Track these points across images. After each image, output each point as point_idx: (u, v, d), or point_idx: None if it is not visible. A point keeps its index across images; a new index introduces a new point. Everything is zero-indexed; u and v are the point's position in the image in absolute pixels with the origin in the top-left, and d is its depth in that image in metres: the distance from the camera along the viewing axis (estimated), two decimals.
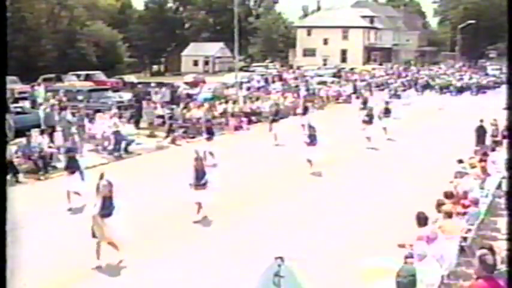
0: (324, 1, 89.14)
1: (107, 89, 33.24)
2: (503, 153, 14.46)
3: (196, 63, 79.01)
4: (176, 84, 37.89)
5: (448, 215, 9.97)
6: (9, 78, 29.16)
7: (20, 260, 8.36)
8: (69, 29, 62.16)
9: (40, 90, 31.23)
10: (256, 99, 32.00)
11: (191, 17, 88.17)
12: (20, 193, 13.74)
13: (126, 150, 20.47)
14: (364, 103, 27.95)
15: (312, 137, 17.36)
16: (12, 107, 23.95)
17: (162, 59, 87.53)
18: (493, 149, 17.17)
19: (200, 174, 12.48)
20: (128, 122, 24.36)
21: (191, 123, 24.78)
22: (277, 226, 12.21)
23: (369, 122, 22.14)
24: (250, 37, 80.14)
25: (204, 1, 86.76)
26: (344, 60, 77.51)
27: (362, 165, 18.45)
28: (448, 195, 11.25)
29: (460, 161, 15.26)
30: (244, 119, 27.66)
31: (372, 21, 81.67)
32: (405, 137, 23.36)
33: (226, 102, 29.65)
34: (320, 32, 79.62)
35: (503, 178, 12.68)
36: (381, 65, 71.93)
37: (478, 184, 12.97)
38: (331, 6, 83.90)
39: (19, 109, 24.38)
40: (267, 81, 46.47)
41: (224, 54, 76.80)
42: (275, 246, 9.91)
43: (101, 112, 24.13)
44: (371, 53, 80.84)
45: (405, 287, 7.79)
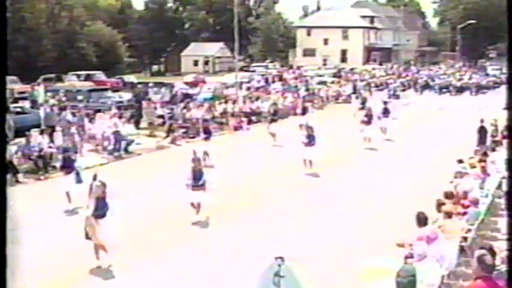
0: (324, 1, 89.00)
1: (106, 89, 33.26)
2: (503, 153, 14.46)
3: (196, 63, 79.00)
4: (173, 85, 37.89)
5: (448, 215, 9.97)
6: (9, 78, 29.14)
7: (20, 260, 8.36)
8: (69, 29, 62.11)
9: (40, 90, 31.20)
10: (256, 99, 32.01)
11: (191, 17, 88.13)
12: (20, 193, 13.71)
13: (126, 150, 20.49)
14: (363, 103, 27.89)
15: (310, 138, 17.25)
16: (12, 107, 23.95)
17: (162, 59, 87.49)
18: (493, 149, 17.19)
19: (198, 175, 12.43)
20: (128, 122, 24.35)
21: (191, 123, 24.78)
22: (275, 226, 12.17)
23: (368, 122, 22.03)
24: (251, 36, 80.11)
25: (204, 1, 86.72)
26: (344, 60, 77.47)
27: (360, 166, 18.42)
28: (448, 196, 11.25)
29: (460, 161, 15.26)
30: (244, 119, 27.67)
31: (372, 21, 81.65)
32: (404, 137, 23.30)
33: (226, 102, 29.67)
34: (320, 32, 79.60)
35: (503, 178, 12.67)
36: (381, 65, 71.90)
37: (478, 184, 12.98)
38: (331, 6, 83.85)
39: (19, 109, 24.39)
40: (267, 81, 46.47)
41: (224, 54, 76.78)
42: (274, 247, 9.88)
43: (101, 112, 24.14)
44: (371, 53, 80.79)
45: (405, 287, 7.80)
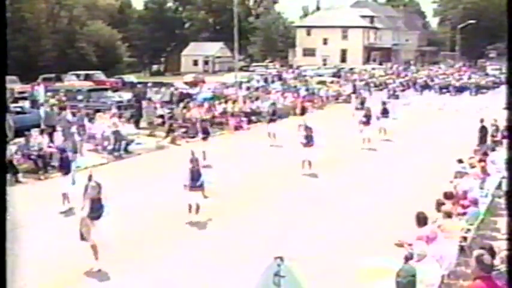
0: (323, 1, 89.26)
1: (106, 89, 33.24)
2: (503, 153, 14.46)
3: (196, 63, 79.03)
4: (172, 84, 37.88)
5: (448, 215, 9.97)
6: (9, 78, 29.17)
7: (20, 259, 8.37)
8: (68, 28, 62.17)
9: (40, 90, 31.19)
10: (256, 98, 32.01)
11: (191, 17, 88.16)
12: (20, 193, 13.70)
13: (126, 150, 20.48)
14: (362, 103, 27.71)
15: (308, 138, 17.14)
16: (12, 106, 23.95)
17: (162, 59, 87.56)
18: (493, 149, 17.19)
19: (196, 175, 12.37)
20: (128, 121, 24.36)
21: (191, 123, 24.77)
22: (274, 227, 12.14)
23: (367, 122, 21.82)
24: (251, 36, 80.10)
25: (204, 1, 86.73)
26: (344, 60, 77.48)
27: (359, 167, 18.32)
28: (447, 196, 11.25)
29: (460, 161, 15.27)
30: (244, 119, 27.68)
31: (372, 21, 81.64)
32: (403, 137, 23.23)
33: (226, 102, 29.67)
34: (320, 31, 79.59)
35: (503, 178, 12.67)
36: (380, 64, 71.93)
37: (477, 184, 12.98)
38: (331, 6, 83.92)
39: (19, 109, 24.38)
40: (266, 81, 46.48)
41: (224, 54, 76.79)
42: (273, 248, 9.85)
43: (101, 112, 24.14)
44: (371, 53, 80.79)
45: (404, 287, 7.80)
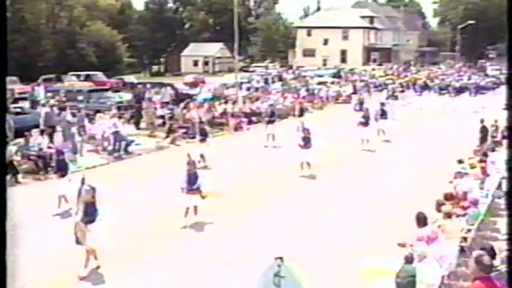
0: (324, 1, 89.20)
1: (106, 90, 33.19)
2: (503, 153, 14.46)
3: (196, 64, 79.05)
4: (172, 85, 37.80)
5: (448, 216, 9.97)
6: (9, 78, 29.17)
7: (20, 260, 8.36)
8: (69, 29, 62.15)
9: (40, 91, 31.24)
10: (256, 99, 32.00)
11: (191, 17, 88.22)
12: (20, 193, 13.71)
13: (126, 151, 20.48)
14: (360, 104, 27.47)
15: (306, 140, 17.00)
16: (12, 107, 23.96)
17: (162, 59, 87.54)
18: (493, 149, 17.19)
19: (192, 178, 12.29)
20: (128, 122, 24.35)
21: (191, 123, 24.76)
22: (273, 227, 12.11)
23: (365, 123, 21.66)
24: (251, 37, 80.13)
25: (204, 1, 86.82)
26: (344, 60, 77.50)
27: (357, 168, 18.22)
28: (447, 197, 11.25)
29: (460, 162, 15.27)
30: (244, 119, 27.68)
31: (372, 22, 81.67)
32: (401, 139, 23.10)
33: (226, 102, 29.67)
34: (320, 32, 79.62)
35: (503, 178, 12.67)
36: (380, 65, 71.93)
37: (477, 184, 12.98)
38: (331, 7, 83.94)
39: (19, 109, 24.39)
40: (266, 81, 46.47)
41: (224, 55, 76.80)
42: (272, 249, 9.78)
43: (101, 112, 24.11)
44: (371, 54, 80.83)
45: None
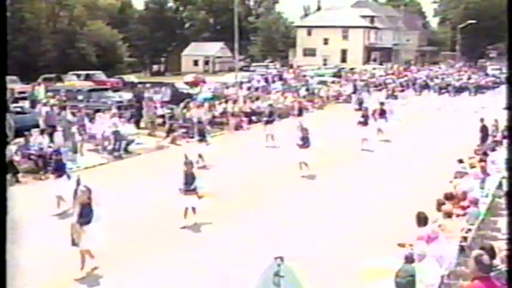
0: (324, 1, 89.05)
1: (107, 89, 33.18)
2: (503, 153, 14.46)
3: (196, 63, 79.07)
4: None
5: (448, 215, 9.98)
6: (9, 78, 29.15)
7: (20, 260, 8.35)
8: (69, 28, 62.16)
9: (40, 90, 31.25)
10: (256, 99, 32.01)
11: (191, 17, 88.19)
12: (20, 193, 13.69)
13: (126, 150, 20.48)
14: (360, 104, 27.42)
15: (304, 139, 16.90)
16: (12, 106, 23.96)
17: (162, 59, 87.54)
18: (493, 149, 17.20)
19: (190, 178, 12.27)
20: (128, 121, 24.36)
21: (191, 123, 24.76)
22: (271, 228, 12.09)
23: (364, 123, 21.58)
24: (251, 36, 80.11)
25: (204, 1, 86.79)
26: (344, 60, 77.50)
27: (356, 168, 18.18)
28: (448, 197, 11.25)
29: (460, 161, 15.28)
30: (244, 119, 27.69)
31: (372, 21, 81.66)
32: (400, 138, 23.01)
33: (226, 102, 29.67)
34: (320, 31, 79.62)
35: (503, 178, 12.67)
36: (381, 64, 71.91)
37: (478, 184, 12.98)
38: (331, 6, 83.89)
39: (19, 109, 24.39)
40: (267, 81, 46.45)
41: (224, 54, 76.82)
42: (271, 249, 9.75)
43: (101, 112, 24.12)
44: (371, 53, 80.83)
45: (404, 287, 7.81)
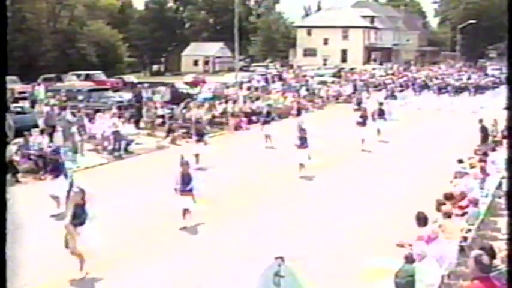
0: (324, 1, 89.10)
1: (106, 89, 33.23)
2: (503, 153, 14.46)
3: (196, 63, 79.03)
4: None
5: (448, 215, 9.98)
6: (9, 78, 29.17)
7: (20, 260, 8.35)
8: (69, 28, 62.17)
9: (40, 90, 31.28)
10: (256, 99, 32.01)
11: (191, 17, 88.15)
12: (20, 193, 13.68)
13: (126, 150, 20.49)
14: (358, 104, 27.24)
15: (302, 140, 16.86)
16: (12, 106, 23.97)
17: (162, 59, 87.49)
18: (493, 149, 17.20)
19: (186, 179, 12.24)
20: (128, 122, 24.36)
21: (191, 123, 24.75)
22: (270, 229, 12.07)
23: (363, 123, 21.48)
24: (251, 36, 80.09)
25: (205, 1, 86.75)
26: (344, 60, 77.48)
27: (355, 168, 18.14)
28: (447, 197, 11.25)
29: (460, 161, 15.28)
30: (244, 119, 27.69)
31: (372, 21, 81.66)
32: (398, 139, 22.93)
33: (226, 102, 29.67)
34: (320, 31, 79.60)
35: (503, 178, 12.68)
36: (381, 65, 71.91)
37: (477, 184, 12.98)
38: (332, 6, 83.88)
39: (19, 109, 24.41)
40: (267, 81, 46.46)
41: (224, 54, 76.80)
42: (270, 249, 9.69)
43: (101, 112, 24.13)
44: (371, 53, 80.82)
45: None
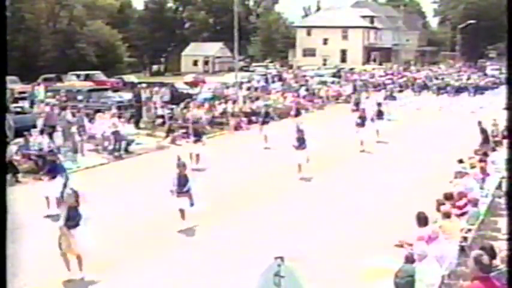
0: (324, 1, 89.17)
1: (106, 89, 33.20)
2: (503, 153, 14.46)
3: (196, 63, 79.02)
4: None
5: (447, 216, 9.98)
6: (9, 78, 29.16)
7: (20, 260, 8.36)
8: (69, 29, 62.17)
9: (40, 90, 31.28)
10: (256, 99, 32.01)
11: (191, 17, 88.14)
12: (20, 193, 13.69)
13: (126, 150, 20.48)
14: (357, 104, 26.92)
15: (300, 141, 16.74)
16: (12, 107, 23.97)
17: (162, 59, 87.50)
18: (493, 149, 17.21)
19: (183, 180, 12.20)
20: (128, 122, 24.36)
21: (190, 123, 24.72)
22: (270, 229, 12.02)
23: (362, 124, 21.30)
24: (251, 36, 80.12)
25: (204, 1, 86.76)
26: (344, 60, 77.51)
27: (354, 169, 18.07)
28: (447, 197, 11.25)
29: (460, 161, 15.28)
30: (244, 119, 27.69)
31: (372, 21, 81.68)
32: (397, 139, 22.81)
33: (226, 102, 29.67)
34: (320, 32, 79.64)
35: (503, 178, 12.68)
36: (380, 65, 71.95)
37: (477, 184, 12.98)
38: (331, 6, 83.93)
39: (19, 109, 24.41)
40: (267, 81, 46.46)
41: (224, 54, 76.78)
42: (270, 249, 9.62)
43: (101, 112, 24.12)
44: (371, 53, 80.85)
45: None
